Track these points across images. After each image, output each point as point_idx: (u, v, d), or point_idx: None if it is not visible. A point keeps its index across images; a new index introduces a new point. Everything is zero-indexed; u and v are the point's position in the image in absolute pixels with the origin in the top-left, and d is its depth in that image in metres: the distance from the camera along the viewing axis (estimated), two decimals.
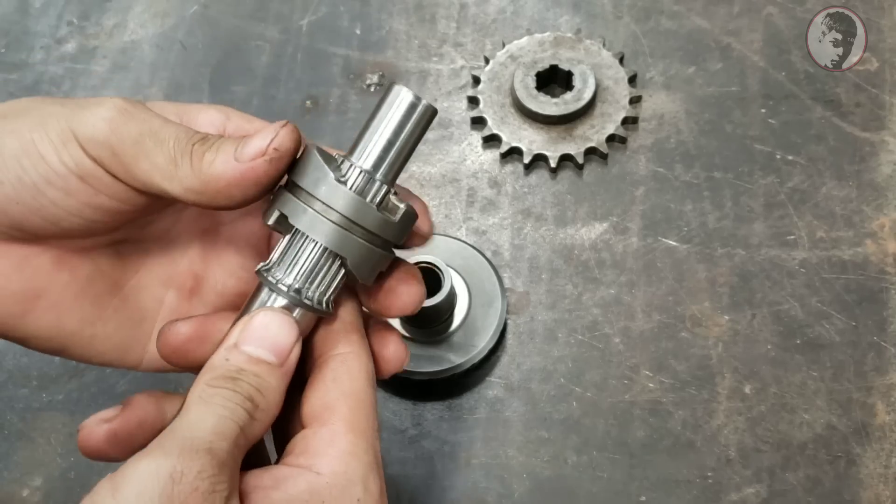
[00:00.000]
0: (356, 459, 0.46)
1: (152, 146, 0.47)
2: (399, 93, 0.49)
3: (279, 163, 0.48)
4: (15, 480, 0.75)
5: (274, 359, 0.48)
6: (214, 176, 0.47)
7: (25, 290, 0.51)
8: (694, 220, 0.83)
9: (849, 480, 0.72)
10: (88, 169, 0.48)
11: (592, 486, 0.73)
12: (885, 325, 0.77)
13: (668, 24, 0.93)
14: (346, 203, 0.48)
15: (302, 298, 0.49)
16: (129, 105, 0.48)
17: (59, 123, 0.48)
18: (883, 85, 0.88)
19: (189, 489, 0.41)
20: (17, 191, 0.48)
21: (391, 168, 0.49)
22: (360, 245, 0.48)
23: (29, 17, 0.99)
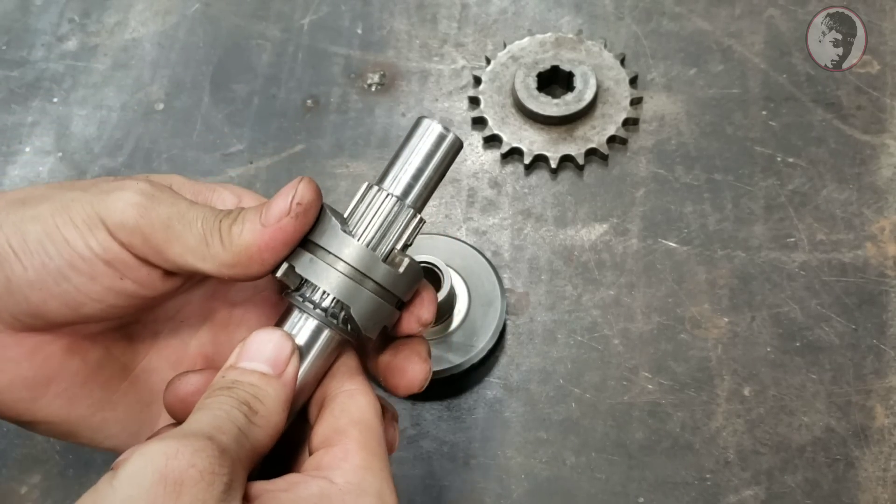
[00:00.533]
0: (371, 474, 0.47)
1: (182, 228, 0.48)
2: (429, 126, 0.51)
3: (305, 217, 0.49)
4: (13, 478, 0.75)
5: (270, 370, 0.48)
6: (245, 246, 0.48)
7: (37, 377, 0.51)
8: (694, 222, 0.83)
9: (847, 483, 0.72)
10: (115, 253, 0.48)
11: (591, 487, 0.73)
12: (885, 329, 0.77)
13: (670, 26, 0.93)
14: (353, 253, 0.49)
15: (328, 318, 0.50)
16: (153, 189, 0.49)
17: (84, 209, 0.48)
18: (884, 88, 0.88)
19: (185, 465, 0.40)
20: (41, 276, 0.48)
21: (420, 195, 0.51)
22: (365, 296, 0.50)
23: (30, 15, 0.99)
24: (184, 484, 0.40)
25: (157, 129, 0.91)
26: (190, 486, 0.40)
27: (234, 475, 0.42)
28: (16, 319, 0.49)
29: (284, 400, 0.48)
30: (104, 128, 0.92)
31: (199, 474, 0.40)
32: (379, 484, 0.46)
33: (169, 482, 0.40)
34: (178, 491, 0.40)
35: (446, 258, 0.77)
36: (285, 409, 0.48)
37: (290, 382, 0.49)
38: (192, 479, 0.40)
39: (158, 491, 0.39)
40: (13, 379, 0.50)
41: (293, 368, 0.49)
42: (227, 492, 0.41)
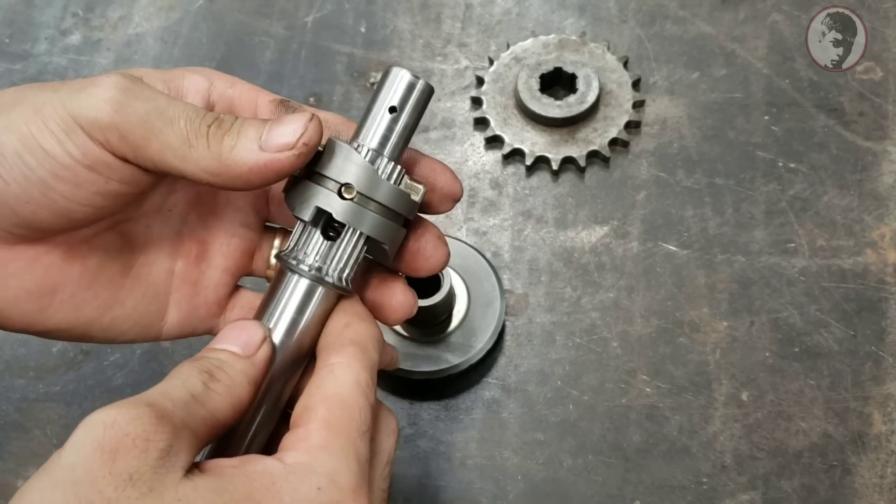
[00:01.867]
0: (326, 453, 0.45)
1: (162, 126, 0.46)
2: (398, 73, 0.51)
3: (306, 157, 0.48)
4: (10, 471, 0.75)
5: (238, 349, 0.49)
6: (236, 162, 0.47)
7: (40, 287, 0.51)
8: (694, 226, 0.83)
9: (844, 490, 0.72)
10: (96, 156, 0.46)
11: (587, 489, 0.73)
12: (884, 335, 0.77)
13: (673, 29, 0.93)
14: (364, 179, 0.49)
15: (323, 276, 0.50)
16: (128, 82, 0.47)
17: (57, 111, 0.46)
18: (887, 95, 0.88)
19: (120, 434, 0.41)
20: (25, 190, 0.47)
21: (396, 145, 0.51)
22: (375, 219, 0.50)
23: (34, 8, 0.99)
24: (118, 451, 0.41)
25: None
26: (124, 453, 0.41)
27: (175, 440, 0.42)
28: (8, 233, 0.49)
29: (250, 376, 0.48)
30: None
31: (132, 441, 0.41)
32: (334, 464, 0.45)
33: (105, 450, 0.41)
34: (112, 458, 0.41)
35: None
36: (251, 384, 0.48)
37: (260, 363, 0.49)
38: (126, 446, 0.41)
39: (95, 459, 0.41)
40: (17, 293, 0.50)
41: (264, 352, 0.49)
42: (164, 458, 0.41)
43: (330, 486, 0.44)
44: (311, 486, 0.44)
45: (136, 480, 0.41)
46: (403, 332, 0.77)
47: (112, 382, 0.78)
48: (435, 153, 0.88)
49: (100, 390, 0.78)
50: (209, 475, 0.43)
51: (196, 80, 0.52)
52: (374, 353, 0.51)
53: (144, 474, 0.41)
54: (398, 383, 0.77)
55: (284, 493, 0.43)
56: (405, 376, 0.75)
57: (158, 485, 0.41)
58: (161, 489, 0.41)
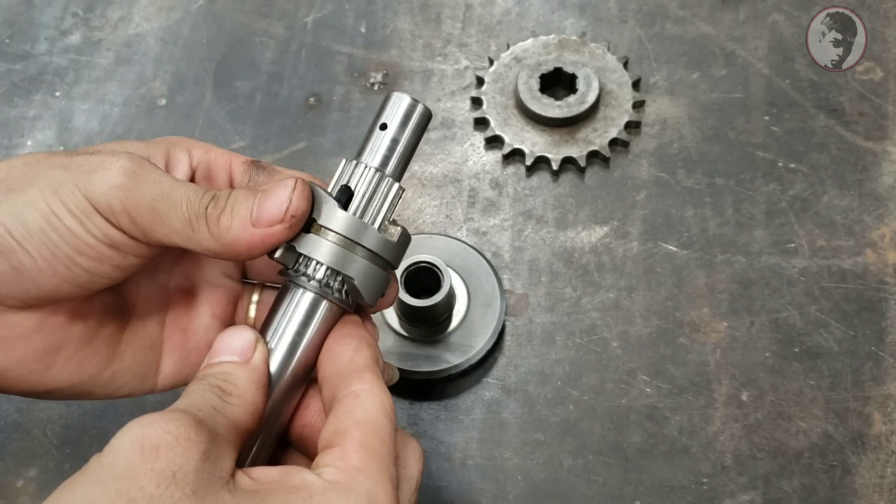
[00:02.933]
0: (364, 475, 0.46)
1: (167, 211, 0.49)
2: (400, 98, 0.54)
3: (298, 226, 0.50)
4: (10, 471, 0.75)
5: (237, 357, 0.50)
6: (235, 241, 0.49)
7: (46, 348, 0.52)
8: (695, 226, 0.83)
9: (844, 490, 0.72)
10: (115, 237, 0.49)
11: (587, 489, 0.73)
12: (884, 336, 0.77)
13: (674, 30, 0.93)
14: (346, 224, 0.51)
15: (325, 289, 0.52)
16: (135, 167, 0.49)
17: (74, 194, 0.48)
18: (887, 95, 0.88)
19: (161, 431, 0.41)
20: (51, 265, 0.49)
21: (398, 165, 0.54)
22: (361, 264, 0.52)
23: (34, 8, 0.99)
24: (160, 448, 0.41)
25: (160, 125, 0.91)
26: (166, 450, 0.41)
27: (213, 445, 0.43)
28: (23, 302, 0.51)
29: (256, 380, 0.49)
30: (106, 122, 0.92)
31: (175, 439, 0.41)
32: (371, 485, 0.46)
33: (146, 447, 0.41)
34: (154, 455, 0.41)
35: (446, 258, 0.77)
36: (259, 387, 0.49)
37: (260, 365, 0.50)
38: (168, 443, 0.41)
39: (136, 456, 0.41)
40: (24, 354, 0.52)
41: (261, 354, 0.51)
42: (205, 459, 0.42)
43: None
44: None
45: (180, 480, 0.41)
46: (403, 332, 0.77)
47: None
48: (435, 153, 0.88)
49: None
50: (248, 487, 0.44)
51: (178, 153, 0.55)
52: (382, 374, 0.52)
53: (188, 474, 0.41)
54: (398, 383, 0.77)
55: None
56: (405, 376, 0.75)
57: (201, 489, 0.41)
58: (203, 494, 0.41)
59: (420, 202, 0.86)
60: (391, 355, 0.76)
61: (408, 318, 0.77)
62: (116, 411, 0.76)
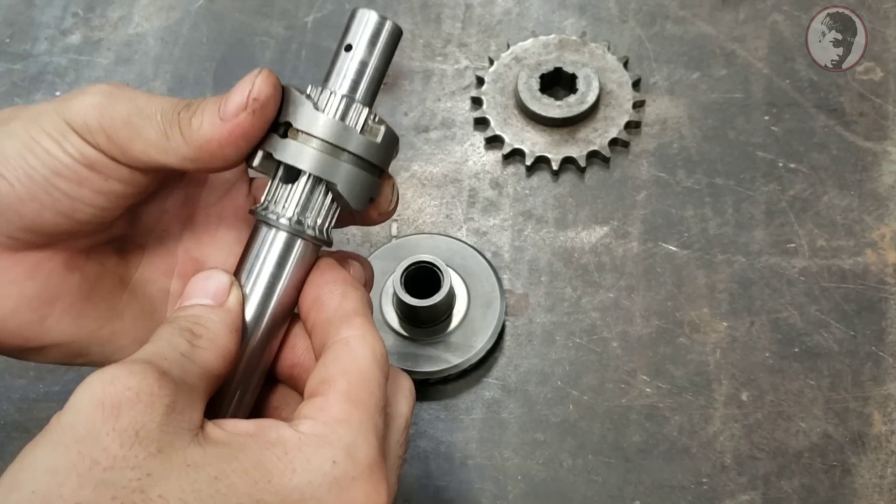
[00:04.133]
0: (345, 426, 0.44)
1: (142, 123, 0.48)
2: (365, 15, 0.50)
3: (263, 112, 0.48)
4: None
5: (209, 301, 0.49)
6: (205, 140, 0.48)
7: (41, 295, 0.51)
8: (695, 226, 0.83)
9: (844, 490, 0.72)
10: (93, 157, 0.48)
11: (587, 489, 0.73)
12: (884, 336, 0.77)
13: (674, 30, 0.93)
14: (328, 129, 0.49)
15: (304, 229, 0.50)
16: (112, 88, 0.49)
17: (52, 118, 0.48)
18: (887, 95, 0.88)
19: (122, 388, 0.40)
20: (29, 189, 0.48)
21: (368, 89, 0.50)
22: (346, 169, 0.49)
23: (34, 8, 0.99)
24: (121, 406, 0.40)
25: None
26: (128, 407, 0.40)
27: (178, 396, 0.42)
28: (11, 238, 0.49)
29: (229, 324, 0.48)
30: None
31: (136, 395, 0.40)
32: (352, 437, 0.44)
33: (107, 406, 0.40)
34: (116, 414, 0.40)
35: (446, 258, 0.77)
36: (232, 331, 0.48)
37: (234, 308, 0.49)
38: (129, 400, 0.40)
39: (97, 415, 0.40)
40: (18, 301, 0.50)
41: (235, 297, 0.49)
42: (170, 414, 0.41)
43: (346, 461, 0.43)
44: (326, 459, 0.43)
45: (144, 438, 0.40)
46: (403, 332, 0.77)
47: None
48: (435, 153, 0.88)
49: None
50: (218, 441, 0.42)
51: None
52: (370, 315, 0.50)
53: (152, 432, 0.40)
54: None
55: (297, 464, 0.42)
56: None
57: (167, 446, 0.40)
58: (169, 451, 0.40)
59: (420, 202, 0.86)
60: (391, 355, 0.76)
61: (408, 318, 0.77)
62: None
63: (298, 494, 0.42)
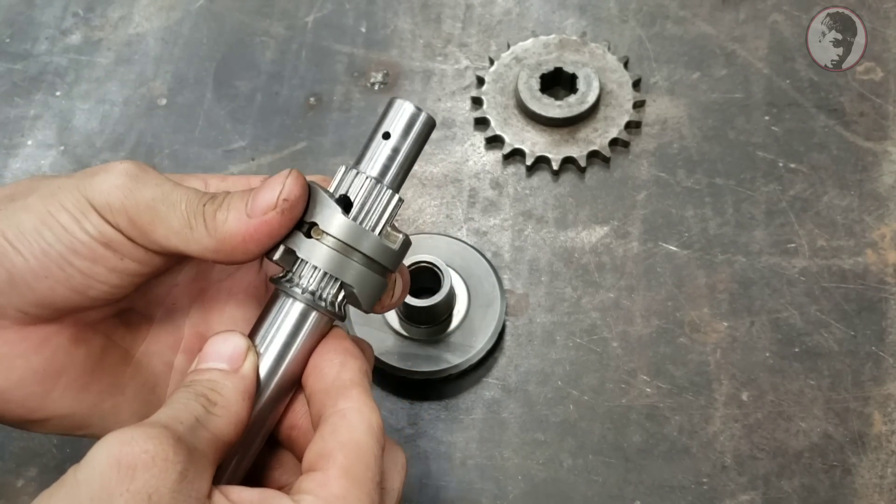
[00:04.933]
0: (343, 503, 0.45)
1: (166, 210, 0.48)
2: (402, 106, 0.52)
3: (291, 213, 0.49)
4: (10, 471, 0.75)
5: (225, 365, 0.49)
6: (230, 234, 0.48)
7: (47, 370, 0.51)
8: (695, 226, 0.83)
9: (844, 490, 0.72)
10: (111, 236, 0.48)
11: (587, 489, 0.73)
12: (884, 336, 0.77)
13: (674, 30, 0.93)
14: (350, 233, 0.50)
15: (316, 300, 0.51)
16: (137, 170, 0.49)
17: (73, 194, 0.48)
18: (887, 95, 0.88)
19: (139, 451, 0.40)
20: (44, 265, 0.48)
21: (396, 175, 0.52)
22: (364, 274, 0.51)
23: (34, 7, 0.99)
24: (136, 468, 0.40)
25: (160, 125, 0.91)
26: (143, 470, 0.40)
27: (191, 464, 0.42)
28: (22, 312, 0.49)
29: (243, 390, 0.48)
30: (106, 122, 0.92)
31: (152, 459, 0.41)
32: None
33: (122, 466, 0.40)
34: (131, 475, 0.40)
35: (446, 258, 0.77)
36: (245, 398, 0.48)
37: (249, 375, 0.49)
38: (145, 463, 0.40)
39: (112, 475, 0.40)
40: (23, 374, 0.50)
41: (251, 363, 0.49)
42: (182, 480, 0.41)
43: None
44: None
45: (156, 502, 0.40)
46: (403, 332, 0.77)
47: None
48: (435, 153, 0.88)
49: None
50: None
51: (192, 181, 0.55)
52: (370, 389, 0.51)
53: (164, 496, 0.40)
54: (398, 384, 0.77)
55: None
56: (405, 376, 0.75)
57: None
58: None
59: (420, 202, 0.86)
60: (391, 355, 0.76)
61: (408, 318, 0.77)
62: None
63: None
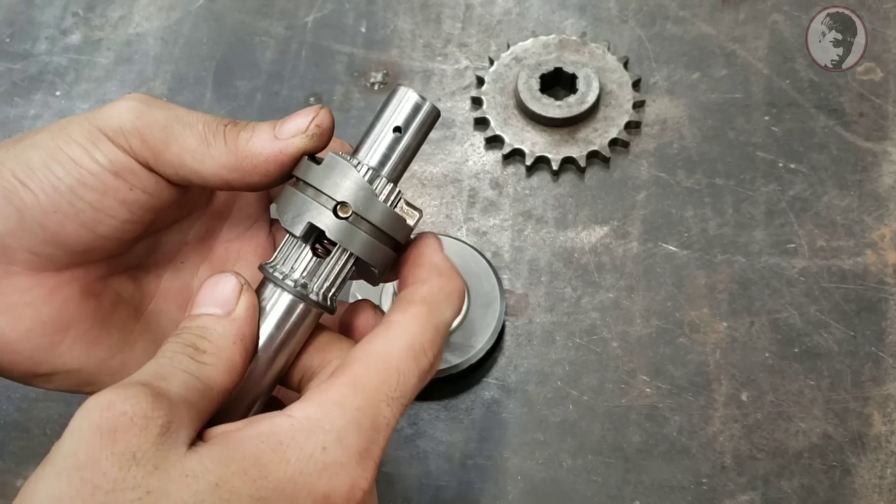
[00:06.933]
0: (339, 409, 0.42)
1: (181, 129, 0.49)
2: (405, 94, 0.50)
3: (318, 140, 0.49)
4: (10, 470, 0.75)
5: (218, 310, 0.47)
6: (253, 152, 0.48)
7: (56, 320, 0.51)
8: (695, 226, 0.83)
9: (843, 490, 0.72)
10: (122, 163, 0.48)
11: (587, 489, 0.73)
12: (884, 336, 0.77)
13: (674, 30, 0.93)
14: (362, 199, 0.48)
15: (307, 294, 0.49)
16: (148, 97, 0.50)
17: (82, 125, 0.48)
18: (887, 95, 0.88)
19: (117, 413, 0.40)
20: (53, 199, 0.48)
21: (396, 166, 0.50)
22: (367, 241, 0.49)
23: (34, 7, 0.99)
24: (117, 431, 0.40)
25: None
26: (123, 432, 0.40)
27: (174, 416, 0.41)
28: (33, 254, 0.49)
29: (235, 334, 0.47)
30: None
31: (131, 420, 0.40)
32: (344, 422, 0.42)
33: (104, 431, 0.40)
34: (112, 438, 0.40)
35: None
36: (237, 342, 0.47)
37: (242, 317, 0.48)
38: (125, 425, 0.40)
39: (94, 442, 0.40)
40: (32, 325, 0.50)
41: (244, 304, 0.48)
42: (165, 433, 0.41)
43: (335, 447, 0.42)
44: (317, 446, 0.41)
45: (140, 458, 0.40)
46: None
47: None
48: (435, 153, 0.88)
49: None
50: (214, 444, 0.42)
51: None
52: (446, 313, 0.48)
53: (147, 452, 0.40)
54: None
55: (291, 454, 0.41)
56: None
57: (163, 461, 0.40)
58: (166, 465, 0.40)
59: (420, 202, 0.86)
60: None
61: None
62: None
63: (292, 486, 0.41)
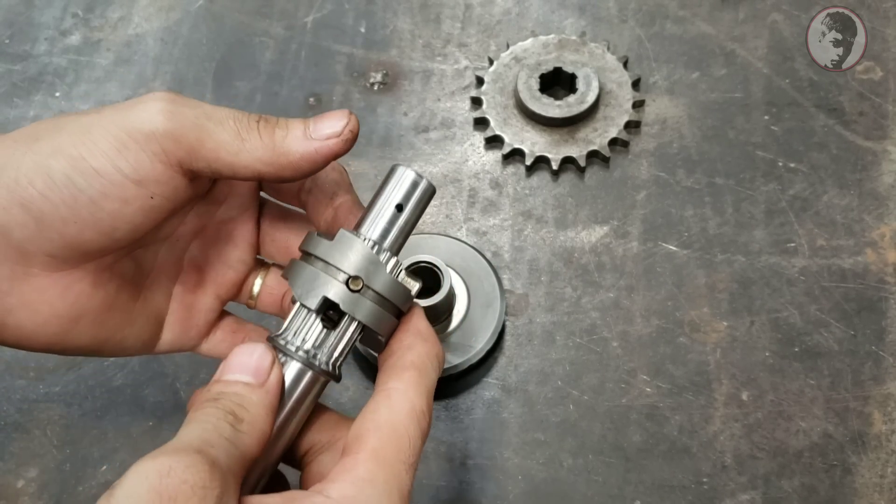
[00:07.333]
0: (371, 486, 0.45)
1: (213, 126, 0.50)
2: (403, 172, 0.54)
3: (350, 144, 0.52)
4: (10, 471, 0.75)
5: (252, 379, 0.49)
6: (289, 150, 0.51)
7: (69, 313, 0.53)
8: (694, 226, 0.83)
9: (844, 489, 0.72)
10: (146, 170, 0.49)
11: (587, 489, 0.73)
12: (884, 335, 0.77)
13: (673, 29, 0.93)
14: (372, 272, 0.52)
15: (318, 364, 0.52)
16: (174, 95, 0.50)
17: (108, 130, 0.48)
18: (886, 94, 0.88)
19: (178, 481, 0.41)
20: (74, 210, 0.49)
21: (397, 239, 0.54)
22: (375, 311, 0.52)
23: (34, 8, 0.99)
24: (177, 499, 0.41)
25: None
26: (183, 500, 0.41)
27: (225, 487, 0.43)
28: (50, 257, 0.51)
29: (268, 405, 0.49)
30: None
31: (191, 489, 0.41)
32: (377, 498, 0.45)
33: (164, 497, 0.41)
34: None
35: (446, 258, 0.77)
36: (270, 414, 0.49)
37: (274, 389, 0.50)
38: (185, 494, 0.41)
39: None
40: (48, 319, 0.53)
41: (276, 377, 0.50)
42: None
43: None
44: None
45: None
46: None
47: (112, 383, 0.78)
48: (435, 153, 0.88)
49: (100, 390, 0.78)
50: None
51: None
52: (433, 375, 0.52)
53: None
54: None
55: None
56: None
57: None
58: None
59: None
60: None
61: None
62: (117, 412, 0.76)
63: None
